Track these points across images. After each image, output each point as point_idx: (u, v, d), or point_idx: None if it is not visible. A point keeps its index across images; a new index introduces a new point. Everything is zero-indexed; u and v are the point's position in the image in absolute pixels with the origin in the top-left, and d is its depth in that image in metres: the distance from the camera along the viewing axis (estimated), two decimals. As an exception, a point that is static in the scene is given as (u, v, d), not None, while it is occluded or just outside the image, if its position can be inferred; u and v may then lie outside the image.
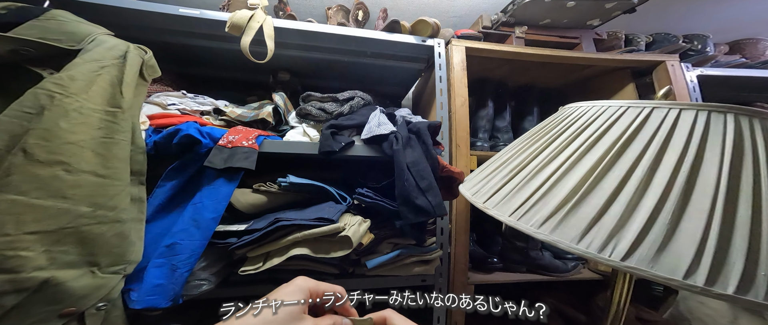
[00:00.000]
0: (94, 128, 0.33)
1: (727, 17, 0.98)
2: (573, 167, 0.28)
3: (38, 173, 0.28)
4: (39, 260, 0.27)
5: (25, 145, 0.28)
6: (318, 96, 0.67)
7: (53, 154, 0.29)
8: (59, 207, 0.28)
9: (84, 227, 0.30)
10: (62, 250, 0.28)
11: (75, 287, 0.28)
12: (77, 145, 0.31)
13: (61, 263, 0.28)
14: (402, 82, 0.94)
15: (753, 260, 0.20)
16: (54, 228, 0.28)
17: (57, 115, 0.30)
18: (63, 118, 0.30)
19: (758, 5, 0.94)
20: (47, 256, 0.27)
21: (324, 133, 0.54)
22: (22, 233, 0.26)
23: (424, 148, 0.52)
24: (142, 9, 0.56)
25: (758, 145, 0.23)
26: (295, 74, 0.85)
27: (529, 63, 0.81)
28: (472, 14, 0.97)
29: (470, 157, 0.66)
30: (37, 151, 0.28)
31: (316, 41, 0.69)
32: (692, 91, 0.76)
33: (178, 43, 0.67)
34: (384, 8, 0.95)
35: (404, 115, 0.67)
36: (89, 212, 0.30)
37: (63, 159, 0.29)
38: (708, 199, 0.21)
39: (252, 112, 0.59)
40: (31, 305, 0.26)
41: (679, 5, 0.96)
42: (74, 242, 0.29)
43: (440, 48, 0.71)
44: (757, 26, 1.00)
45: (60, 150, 0.29)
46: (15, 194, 0.27)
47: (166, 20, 0.59)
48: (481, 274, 0.73)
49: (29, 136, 0.28)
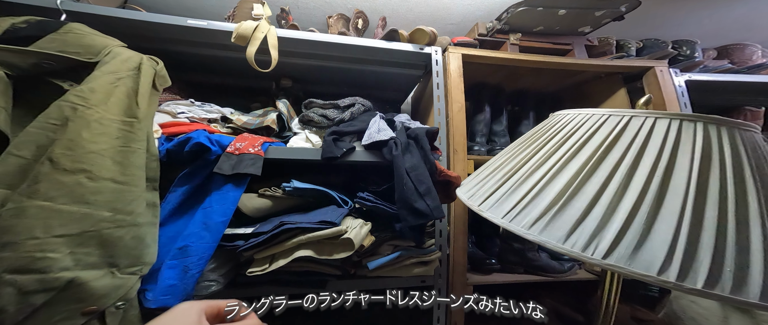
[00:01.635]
0: (113, 138, 0.35)
1: (715, 23, 1.01)
2: (560, 171, 0.31)
3: (64, 181, 0.30)
4: (65, 261, 0.29)
5: (52, 154, 0.30)
6: (320, 103, 0.69)
7: (77, 163, 0.31)
8: (83, 212, 0.31)
9: (105, 231, 0.32)
10: (85, 252, 0.30)
11: (97, 286, 0.30)
12: (98, 154, 0.33)
13: (84, 264, 0.30)
14: (401, 88, 0.97)
15: (719, 258, 0.22)
16: (78, 231, 0.30)
17: (80, 126, 0.32)
18: (85, 129, 0.33)
19: (744, 11, 0.98)
20: (72, 257, 0.29)
21: (326, 140, 0.57)
22: (49, 236, 0.28)
23: (423, 154, 0.54)
24: (153, 21, 0.58)
25: (724, 151, 0.25)
26: (297, 81, 0.88)
27: (524, 69, 0.84)
28: (468, 22, 1.00)
29: (467, 161, 0.68)
30: (62, 160, 0.30)
31: (318, 50, 0.72)
32: (680, 96, 0.78)
33: (186, 53, 0.69)
34: (383, 16, 0.98)
35: (403, 120, 0.70)
36: (109, 217, 0.32)
37: (86, 167, 0.32)
38: (679, 201, 0.24)
39: (257, 120, 0.62)
40: (58, 303, 0.28)
41: (669, 12, 0.99)
42: (96, 244, 0.31)
43: (437, 55, 0.74)
44: (744, 32, 1.03)
45: (83, 159, 0.32)
46: (43, 200, 0.29)
47: (175, 31, 0.62)
48: (480, 275, 0.75)
49: (55, 146, 0.31)
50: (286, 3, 0.93)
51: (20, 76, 0.36)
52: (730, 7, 0.96)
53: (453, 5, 0.96)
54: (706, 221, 0.23)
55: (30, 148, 0.30)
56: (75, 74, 0.40)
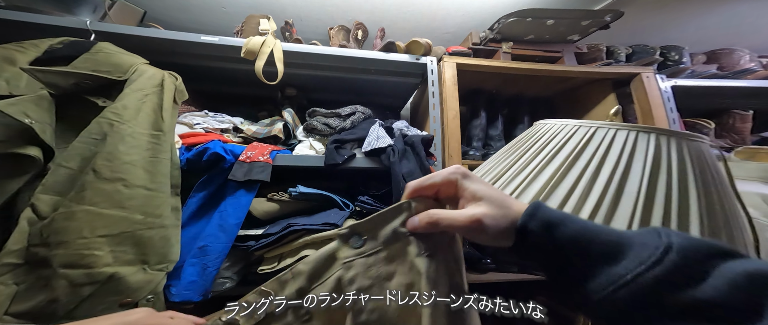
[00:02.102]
0: (143, 150, 0.40)
1: (702, 29, 1.05)
2: (538, 175, 0.35)
3: (105, 188, 0.35)
4: (107, 258, 0.34)
5: (95, 165, 0.35)
6: (322, 112, 0.74)
7: (115, 173, 0.36)
8: (120, 215, 0.35)
9: (138, 232, 0.36)
10: (123, 250, 0.35)
11: (132, 281, 0.35)
12: (132, 164, 0.38)
13: (122, 261, 0.35)
14: (400, 95, 1.01)
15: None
16: (117, 232, 0.35)
17: (116, 140, 0.37)
18: (121, 143, 0.38)
19: (731, 18, 1.01)
20: (113, 255, 0.34)
21: (329, 148, 0.61)
22: (94, 236, 0.33)
23: (418, 160, 0.58)
24: (170, 38, 0.64)
25: (672, 160, 0.29)
26: (301, 90, 0.93)
27: (518, 75, 0.88)
28: (462, 31, 1.04)
29: (462, 165, 0.72)
30: (103, 171, 0.35)
31: (321, 61, 0.77)
32: (666, 101, 0.82)
33: (199, 65, 0.75)
34: (381, 27, 1.03)
35: (401, 127, 0.74)
36: (142, 219, 0.37)
37: (122, 176, 0.36)
38: (631, 205, 0.28)
39: (265, 129, 0.67)
40: (101, 295, 0.33)
41: (656, 19, 1.03)
42: (131, 243, 0.36)
43: (432, 65, 0.78)
44: (731, 37, 1.07)
45: (120, 169, 0.36)
46: (88, 205, 0.34)
47: (189, 46, 0.67)
48: (476, 274, 0.79)
49: (97, 158, 0.35)
50: (290, 16, 0.98)
51: (61, 94, 0.42)
52: (717, 13, 1.00)
53: (448, 16, 1.01)
54: (653, 220, 0.27)
55: (76, 160, 0.35)
56: (107, 91, 0.45)
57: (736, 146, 0.97)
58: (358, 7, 0.99)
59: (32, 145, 0.34)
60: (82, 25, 0.57)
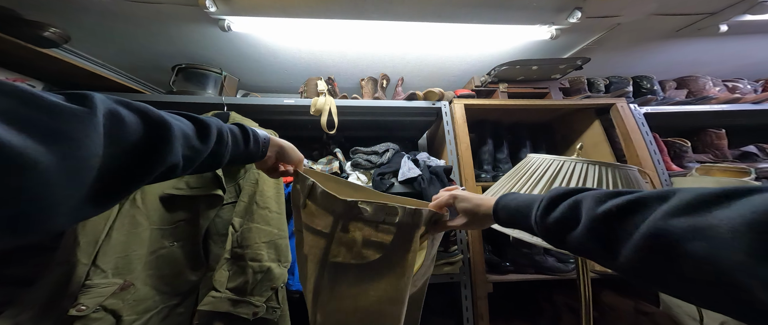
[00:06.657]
0: (273, 188, 0.63)
1: (667, 60, 1.26)
2: (531, 191, 0.54)
3: (261, 213, 0.57)
4: (266, 256, 0.55)
5: (255, 199, 0.58)
6: (363, 150, 0.97)
7: (264, 203, 0.59)
8: (268, 230, 0.57)
9: (277, 240, 0.58)
10: (270, 252, 0.56)
11: (277, 273, 0.55)
12: (270, 198, 0.60)
13: (272, 259, 0.56)
14: (418, 128, 1.26)
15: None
16: (268, 240, 0.56)
17: (262, 184, 0.61)
18: (265, 185, 0.61)
19: (693, 49, 1.22)
20: (268, 255, 0.55)
21: (374, 179, 0.83)
22: (261, 242, 0.55)
23: (442, 185, 0.79)
24: (263, 103, 0.91)
25: (609, 180, 0.48)
26: (340, 130, 1.18)
27: (514, 109, 1.10)
28: (466, 75, 1.30)
29: (477, 187, 0.92)
30: (259, 202, 0.58)
31: (361, 110, 1.03)
32: (641, 125, 1.00)
33: (277, 118, 1.02)
34: (401, 77, 1.30)
35: (424, 158, 0.96)
36: (277, 233, 0.58)
37: (267, 205, 0.59)
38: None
39: (327, 167, 0.91)
40: (264, 281, 0.53)
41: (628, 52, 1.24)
42: (274, 248, 0.57)
43: (446, 108, 1.02)
44: (691, 66, 1.27)
45: (266, 201, 0.59)
46: (256, 224, 0.56)
47: (275, 107, 0.95)
48: (498, 275, 0.93)
49: (256, 195, 0.59)
50: (332, 72, 1.27)
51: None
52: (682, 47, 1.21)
53: (454, 65, 1.27)
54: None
55: (246, 197, 0.58)
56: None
57: (717, 161, 1.11)
58: (382, 62, 1.27)
59: (219, 188, 0.58)
60: (219, 100, 0.86)
